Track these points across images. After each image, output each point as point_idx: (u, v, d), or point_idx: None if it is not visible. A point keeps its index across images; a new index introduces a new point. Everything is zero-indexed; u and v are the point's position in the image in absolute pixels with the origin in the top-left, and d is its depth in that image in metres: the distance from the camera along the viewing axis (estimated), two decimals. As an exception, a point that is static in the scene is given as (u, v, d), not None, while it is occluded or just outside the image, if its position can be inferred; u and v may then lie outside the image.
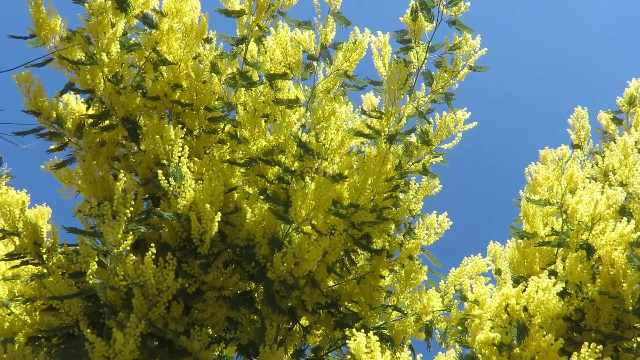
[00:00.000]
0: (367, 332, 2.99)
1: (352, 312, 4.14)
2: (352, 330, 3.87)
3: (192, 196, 3.47)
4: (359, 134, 3.94)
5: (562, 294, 3.66)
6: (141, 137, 3.94)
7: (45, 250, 3.71)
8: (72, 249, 3.61)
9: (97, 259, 3.26)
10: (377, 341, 2.92)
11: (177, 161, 3.50)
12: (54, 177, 4.12)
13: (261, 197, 3.74)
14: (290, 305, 3.87)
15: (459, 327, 4.13)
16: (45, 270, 3.67)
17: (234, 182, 3.92)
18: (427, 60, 4.15)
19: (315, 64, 4.03)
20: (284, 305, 3.73)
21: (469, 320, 3.89)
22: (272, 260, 3.50)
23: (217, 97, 4.11)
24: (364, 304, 4.09)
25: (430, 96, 4.20)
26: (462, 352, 4.18)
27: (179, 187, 3.45)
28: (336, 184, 3.82)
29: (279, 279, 3.52)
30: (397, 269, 4.27)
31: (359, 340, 2.87)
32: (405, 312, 4.20)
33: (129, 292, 3.22)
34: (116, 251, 3.17)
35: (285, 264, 3.50)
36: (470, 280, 4.13)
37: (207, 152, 4.06)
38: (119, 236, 3.17)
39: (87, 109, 3.98)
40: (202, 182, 3.53)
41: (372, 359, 2.84)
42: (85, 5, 3.69)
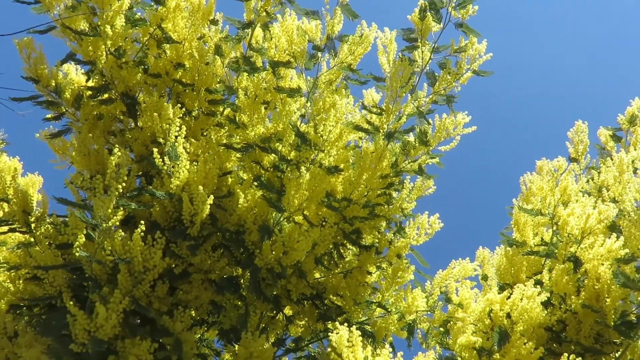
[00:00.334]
0: (350, 326, 3.00)
1: (336, 305, 4.15)
2: (334, 323, 3.89)
3: (186, 177, 3.45)
4: (357, 128, 3.93)
5: (546, 304, 3.68)
6: (139, 113, 3.90)
7: (34, 219, 3.69)
8: (61, 220, 3.58)
9: (85, 232, 3.23)
10: (359, 336, 2.93)
11: (173, 140, 3.48)
12: (48, 147, 4.09)
13: (255, 184, 3.73)
14: (275, 293, 3.87)
15: (441, 329, 4.15)
16: (32, 239, 3.65)
17: (229, 167, 3.90)
18: (431, 60, 4.15)
19: (319, 54, 4.01)
20: (269, 293, 3.73)
21: (451, 322, 3.91)
22: (261, 247, 3.49)
23: (218, 79, 4.08)
24: (349, 298, 4.10)
25: (431, 97, 4.20)
26: (442, 353, 4.21)
27: (174, 166, 3.43)
28: (331, 177, 3.82)
29: (267, 267, 3.51)
30: (384, 266, 4.29)
31: (341, 333, 2.88)
32: (389, 309, 4.22)
33: (115, 268, 3.20)
34: (105, 225, 3.15)
35: (274, 252, 3.50)
36: (456, 283, 4.15)
37: (204, 134, 4.03)
38: (109, 211, 3.15)
39: (87, 80, 3.95)
40: (197, 163, 3.51)
41: (353, 353, 2.85)
42: (92, -25, 3.65)
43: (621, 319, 3.66)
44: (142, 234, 3.18)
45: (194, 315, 3.78)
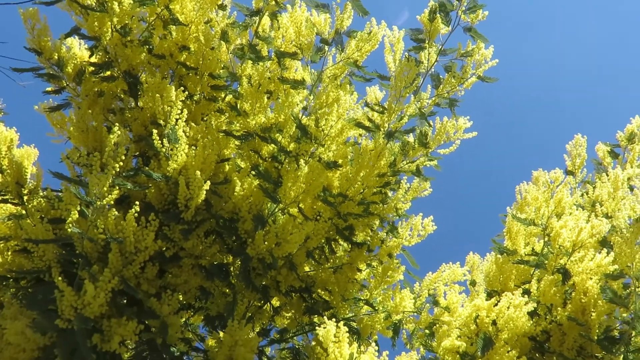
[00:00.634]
0: (337, 322, 3.01)
1: (324, 300, 4.15)
2: (322, 317, 3.90)
3: (184, 161, 3.43)
4: (359, 125, 3.92)
5: (532, 314, 3.71)
6: (140, 93, 3.87)
7: (27, 191, 3.66)
8: (54, 194, 3.56)
9: (79, 209, 3.21)
10: (345, 332, 2.94)
11: (173, 123, 3.45)
12: (46, 120, 4.05)
13: (252, 173, 3.72)
14: (264, 284, 3.87)
15: (427, 331, 4.17)
16: (24, 211, 3.62)
17: (227, 154, 3.88)
18: (437, 62, 4.14)
19: (326, 48, 3.99)
20: (258, 283, 3.73)
21: (437, 325, 3.93)
22: (254, 236, 3.49)
23: (222, 65, 4.05)
24: (337, 294, 4.10)
25: (434, 99, 4.20)
26: (425, 355, 4.23)
27: (172, 149, 3.41)
28: (329, 172, 3.81)
29: (258, 257, 3.51)
30: (375, 264, 4.29)
31: (328, 328, 2.89)
32: (376, 308, 4.23)
33: (106, 247, 3.18)
34: (99, 203, 3.12)
35: (266, 243, 3.49)
36: (445, 287, 4.17)
37: (205, 119, 4.01)
38: (105, 189, 3.12)
39: (90, 56, 3.91)
40: (196, 148, 3.49)
41: (339, 349, 2.85)
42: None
43: (605, 334, 3.70)
44: (136, 214, 3.16)
45: (181, 299, 3.77)
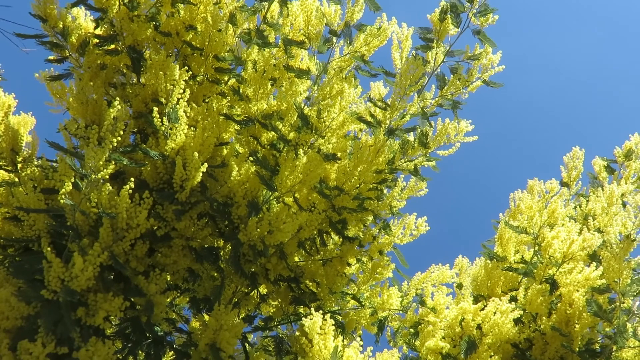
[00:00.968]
0: (323, 314, 3.01)
1: (311, 291, 4.15)
2: (308, 308, 3.91)
3: (182, 141, 3.41)
4: (361, 119, 3.90)
5: (517, 321, 3.73)
6: (143, 69, 3.84)
7: (21, 159, 3.63)
8: (49, 164, 3.52)
9: (73, 180, 3.18)
10: (331, 325, 2.94)
11: (175, 102, 3.42)
12: (45, 89, 4.00)
13: (250, 159, 3.70)
14: (253, 270, 3.87)
15: (411, 330, 4.18)
16: (16, 179, 3.60)
17: (226, 138, 3.86)
18: (443, 63, 4.13)
19: (334, 40, 3.97)
20: (247, 269, 3.72)
21: (422, 325, 3.94)
22: (247, 222, 3.47)
23: (228, 48, 4.02)
24: (325, 286, 4.11)
25: (437, 99, 4.19)
26: (407, 353, 4.25)
27: (172, 128, 3.38)
28: (327, 164, 3.80)
29: (249, 243, 3.50)
30: (365, 260, 4.30)
31: (315, 320, 2.89)
32: (363, 303, 4.24)
33: (98, 221, 3.16)
34: (94, 177, 3.09)
35: (258, 230, 3.48)
36: (433, 287, 4.18)
37: (206, 101, 3.98)
38: (101, 163, 3.09)
39: (95, 28, 3.86)
40: (195, 129, 3.47)
41: (324, 341, 2.86)
42: None
43: (586, 346, 3.74)
44: (130, 191, 3.14)
45: (168, 279, 3.76)
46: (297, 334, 4.15)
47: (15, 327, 3.03)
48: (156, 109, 3.38)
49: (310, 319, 2.87)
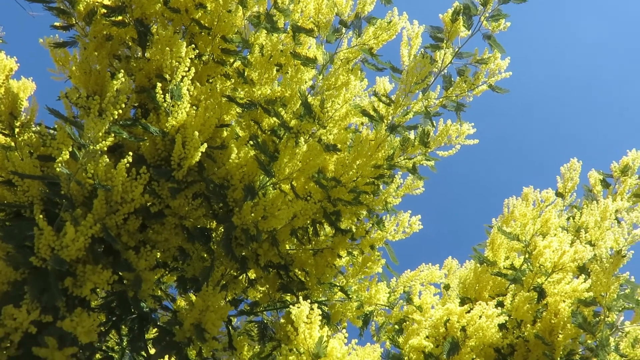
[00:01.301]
0: (311, 303, 3.01)
1: (299, 280, 4.16)
2: (295, 296, 3.91)
3: (184, 119, 3.38)
4: (364, 113, 3.89)
5: (501, 326, 3.75)
6: (149, 44, 3.79)
7: (19, 123, 3.59)
8: (47, 131, 3.49)
9: (70, 150, 3.15)
10: (318, 315, 2.94)
11: (179, 80, 3.39)
12: (48, 55, 3.95)
13: (250, 143, 3.68)
14: (243, 254, 3.86)
15: (396, 326, 4.20)
16: (13, 143, 3.55)
17: (227, 120, 3.84)
18: (451, 64, 4.11)
19: (344, 30, 3.94)
20: (238, 252, 3.72)
21: (407, 322, 3.96)
22: (242, 206, 3.47)
23: (236, 30, 3.98)
24: (314, 276, 4.11)
25: (441, 100, 4.18)
26: (390, 349, 4.27)
27: (174, 106, 3.36)
28: (327, 154, 3.79)
29: (243, 227, 3.49)
30: (355, 253, 4.30)
31: (302, 308, 2.89)
32: (350, 296, 4.25)
33: (93, 192, 3.14)
34: (92, 148, 3.07)
35: (253, 214, 3.47)
36: (421, 286, 4.19)
37: (210, 81, 3.95)
38: (100, 134, 3.06)
39: (104, -3, 3.82)
40: (197, 109, 3.45)
41: (309, 330, 2.86)
42: None
43: (567, 357, 3.76)
44: (128, 165, 3.12)
45: (158, 256, 3.75)
46: (283, 321, 4.16)
47: (1, 292, 3.02)
48: (160, 84, 3.35)
49: (297, 308, 2.87)
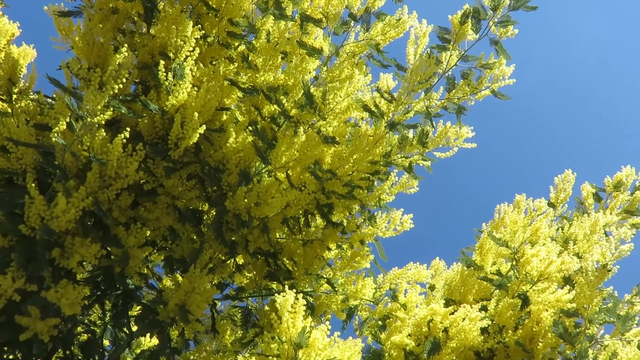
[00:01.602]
0: (297, 293, 3.02)
1: (287, 269, 4.16)
2: (281, 285, 3.92)
3: (184, 99, 3.36)
4: (365, 108, 3.89)
5: (483, 330, 3.78)
6: (155, 21, 3.75)
7: (17, 90, 3.56)
8: (46, 100, 3.46)
9: (67, 120, 3.12)
10: (303, 305, 2.95)
11: (182, 59, 3.37)
12: (52, 25, 3.91)
13: (249, 129, 3.67)
14: (233, 239, 3.86)
15: (379, 322, 4.22)
16: (9, 109, 3.52)
17: (228, 103, 3.81)
18: (456, 66, 4.11)
19: (352, 23, 3.93)
20: (228, 237, 3.71)
21: (391, 319, 3.98)
22: (235, 191, 3.46)
23: (243, 14, 3.95)
24: (302, 266, 4.12)
25: (443, 101, 4.18)
26: (372, 344, 4.29)
27: (175, 85, 3.33)
28: (324, 146, 3.78)
29: (235, 212, 3.48)
30: (345, 247, 4.31)
31: (287, 297, 2.89)
32: (336, 289, 4.26)
33: (87, 165, 3.12)
34: (90, 120, 3.04)
35: (246, 200, 3.46)
36: (407, 285, 4.21)
37: (214, 63, 3.93)
38: (99, 107, 3.04)
39: (113, -31, 3.77)
40: (199, 90, 3.42)
41: (293, 319, 2.87)
42: None
43: (545, 366, 3.81)
44: (124, 140, 3.10)
45: (148, 235, 3.73)
46: (267, 308, 4.17)
47: (-14, 257, 3.00)
48: (163, 62, 3.33)
49: (283, 296, 2.88)
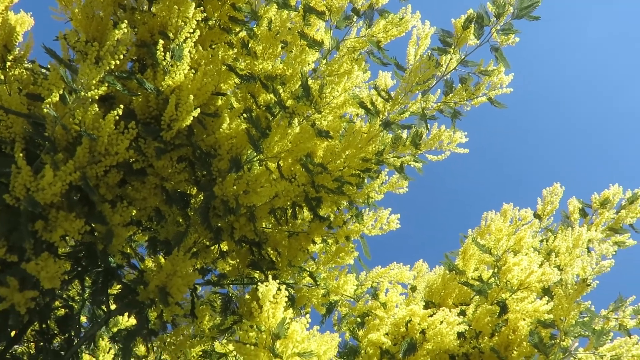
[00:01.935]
0: (280, 284, 3.02)
1: (270, 259, 4.16)
2: (264, 275, 3.92)
3: (180, 81, 3.33)
4: (361, 104, 3.88)
5: (460, 334, 3.81)
6: (156, -1, 3.72)
7: (12, 57, 3.51)
8: (40, 70, 3.41)
9: (61, 92, 3.08)
10: (285, 296, 2.95)
11: (182, 40, 3.33)
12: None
13: (244, 116, 3.65)
14: (219, 225, 3.85)
15: (358, 319, 4.24)
16: (2, 77, 3.47)
17: (224, 89, 3.78)
18: (455, 70, 4.11)
19: (355, 19, 3.91)
20: (214, 223, 3.70)
21: (370, 317, 4.00)
22: (225, 177, 3.44)
23: (247, 0, 3.92)
24: (285, 257, 4.12)
25: (440, 104, 4.18)
26: (349, 340, 4.31)
27: (173, 65, 3.30)
28: (318, 139, 3.77)
29: (223, 198, 3.47)
30: (330, 242, 4.32)
31: (270, 287, 2.89)
32: (318, 282, 4.27)
33: (77, 139, 3.08)
34: (83, 94, 3.01)
35: (235, 187, 3.45)
36: (388, 284, 4.23)
37: (213, 47, 3.90)
38: (94, 82, 3.00)
39: (117, -57, 3.71)
40: (196, 73, 3.40)
41: (274, 310, 2.87)
42: None
43: (518, 374, 3.85)
44: (117, 117, 3.07)
45: (133, 214, 3.71)
46: (248, 297, 4.17)
47: (-32, 224, 2.96)
48: (162, 41, 3.29)
49: (266, 286, 2.88)
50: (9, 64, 3.49)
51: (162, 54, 3.26)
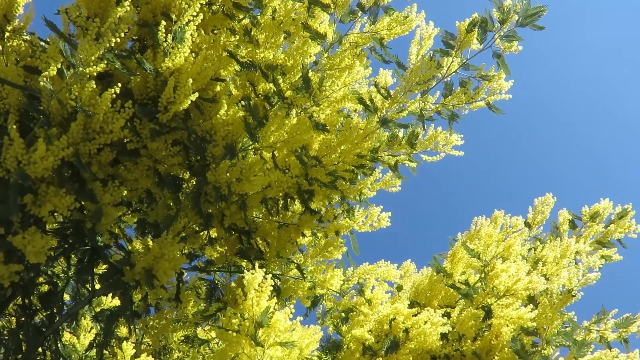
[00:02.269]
0: (265, 273, 3.02)
1: (259, 248, 4.15)
2: (251, 264, 3.91)
3: (180, 64, 3.30)
4: (360, 100, 3.88)
5: (443, 336, 3.83)
6: (161, -21, 3.69)
7: (11, 28, 3.46)
8: (39, 43, 3.37)
9: (59, 67, 3.05)
10: (270, 285, 2.95)
11: (185, 23, 3.31)
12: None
13: (241, 103, 3.64)
14: (210, 212, 3.83)
15: (342, 314, 4.25)
16: (0, 47, 3.43)
17: (224, 75, 3.76)
18: (455, 73, 4.11)
19: (359, 14, 3.89)
20: (205, 209, 3.68)
21: (354, 313, 4.01)
22: (219, 163, 3.43)
23: (251, -13, 3.90)
24: (274, 248, 4.11)
25: (438, 106, 4.18)
26: (332, 335, 4.32)
27: (173, 47, 3.28)
28: (314, 132, 3.76)
29: (215, 184, 3.45)
30: (319, 235, 4.32)
31: (256, 275, 2.89)
32: (305, 275, 4.26)
33: (72, 115, 3.05)
34: (82, 70, 2.98)
35: (228, 174, 3.43)
36: (375, 281, 4.24)
37: (215, 32, 3.87)
38: (93, 58, 2.98)
39: None
40: (196, 57, 3.37)
41: (258, 298, 2.87)
42: None
43: (497, 379, 3.87)
44: (114, 96, 3.04)
45: (124, 194, 3.69)
46: (234, 285, 4.16)
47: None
48: (164, 23, 3.26)
49: (252, 274, 2.87)
50: (7, 34, 3.43)
51: (164, 35, 3.24)
